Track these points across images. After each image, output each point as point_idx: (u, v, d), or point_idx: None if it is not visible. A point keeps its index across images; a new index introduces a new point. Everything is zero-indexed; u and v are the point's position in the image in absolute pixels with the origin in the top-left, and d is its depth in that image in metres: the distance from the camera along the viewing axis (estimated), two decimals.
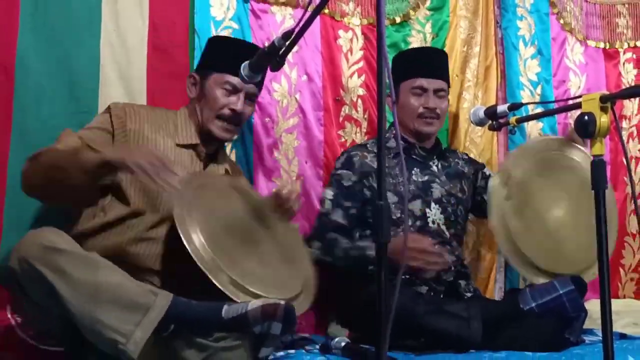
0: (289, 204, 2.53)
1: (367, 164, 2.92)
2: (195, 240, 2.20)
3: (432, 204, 2.94)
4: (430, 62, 3.07)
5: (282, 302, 2.08)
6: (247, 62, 2.44)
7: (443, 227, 2.93)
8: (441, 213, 2.94)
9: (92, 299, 1.95)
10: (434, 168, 3.04)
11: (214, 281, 2.15)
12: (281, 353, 2.26)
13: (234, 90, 2.55)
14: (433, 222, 2.91)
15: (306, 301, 2.48)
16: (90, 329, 1.94)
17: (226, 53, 2.60)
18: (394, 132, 2.93)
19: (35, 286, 1.99)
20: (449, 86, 3.11)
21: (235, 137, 2.82)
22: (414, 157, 3.01)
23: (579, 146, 2.91)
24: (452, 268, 2.88)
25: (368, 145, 3.02)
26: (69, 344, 2.05)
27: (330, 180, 3.00)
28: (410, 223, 2.86)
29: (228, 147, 2.98)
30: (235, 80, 2.52)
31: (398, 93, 3.01)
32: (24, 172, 2.26)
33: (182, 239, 2.17)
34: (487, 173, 3.18)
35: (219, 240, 2.27)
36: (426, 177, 2.99)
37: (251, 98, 2.63)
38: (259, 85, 2.66)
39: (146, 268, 2.34)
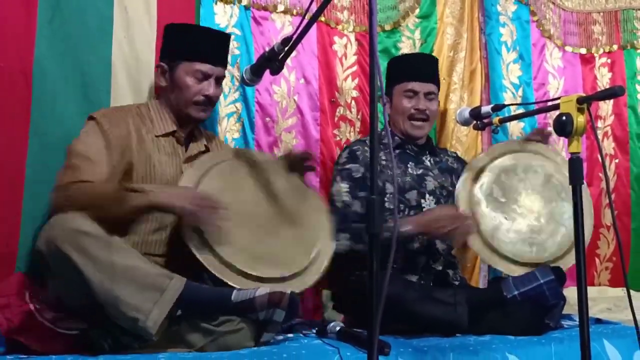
0: (303, 159, 2.60)
1: (368, 157, 2.92)
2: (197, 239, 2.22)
3: (427, 195, 2.94)
4: (422, 67, 3.07)
5: (288, 292, 2.07)
6: (248, 66, 2.45)
7: None
8: (435, 204, 2.93)
9: (112, 278, 1.95)
10: (427, 163, 3.04)
11: (223, 279, 2.19)
12: (280, 337, 2.26)
13: (205, 77, 2.52)
14: None
15: (321, 262, 2.51)
16: (112, 305, 1.95)
17: (191, 41, 2.54)
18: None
19: (61, 266, 1.99)
20: (438, 89, 3.11)
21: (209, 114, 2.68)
22: (408, 151, 3.02)
23: (541, 144, 2.94)
24: (442, 257, 2.88)
25: (367, 141, 3.01)
26: (89, 323, 2.04)
27: (339, 174, 2.92)
28: (407, 212, 2.86)
29: (231, 145, 2.98)
30: (205, 67, 2.51)
31: (392, 96, 3.02)
32: (56, 204, 2.20)
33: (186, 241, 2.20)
34: None
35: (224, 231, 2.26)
36: (420, 171, 2.99)
37: (220, 81, 2.60)
38: (226, 66, 2.64)
39: (157, 254, 2.36)
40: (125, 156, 2.37)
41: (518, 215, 2.81)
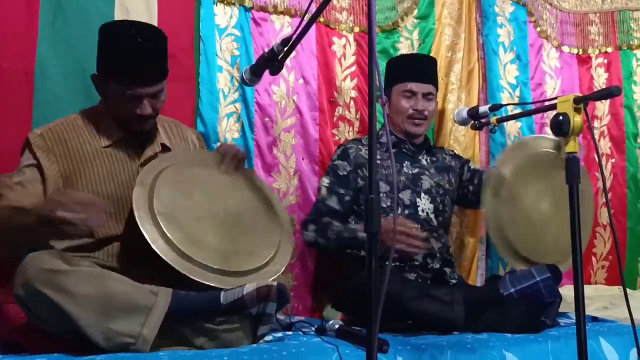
0: (232, 157, 2.46)
1: (362, 156, 2.93)
2: (161, 243, 2.13)
3: (422, 195, 2.95)
4: (420, 68, 3.08)
5: (275, 284, 2.07)
6: (248, 67, 2.43)
7: (432, 216, 2.94)
8: (431, 203, 2.95)
9: (101, 312, 1.91)
10: (424, 162, 3.05)
11: (198, 280, 2.12)
12: (279, 335, 2.27)
13: (137, 98, 2.25)
14: (423, 211, 2.92)
15: (286, 255, 2.43)
16: (103, 338, 1.91)
17: (119, 61, 2.24)
18: (384, 131, 2.94)
19: (42, 308, 1.93)
20: (437, 90, 3.12)
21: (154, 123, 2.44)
22: (405, 151, 3.03)
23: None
24: (438, 255, 2.88)
25: (363, 140, 3.04)
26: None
27: (327, 170, 3.02)
28: (400, 212, 2.86)
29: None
30: (134, 91, 2.23)
31: (391, 95, 3.03)
32: None
33: (149, 242, 2.11)
34: (472, 167, 3.20)
35: (185, 232, 2.19)
36: (416, 170, 3.00)
37: (157, 96, 2.30)
38: (164, 77, 2.32)
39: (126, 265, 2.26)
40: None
41: (533, 213, 2.80)
